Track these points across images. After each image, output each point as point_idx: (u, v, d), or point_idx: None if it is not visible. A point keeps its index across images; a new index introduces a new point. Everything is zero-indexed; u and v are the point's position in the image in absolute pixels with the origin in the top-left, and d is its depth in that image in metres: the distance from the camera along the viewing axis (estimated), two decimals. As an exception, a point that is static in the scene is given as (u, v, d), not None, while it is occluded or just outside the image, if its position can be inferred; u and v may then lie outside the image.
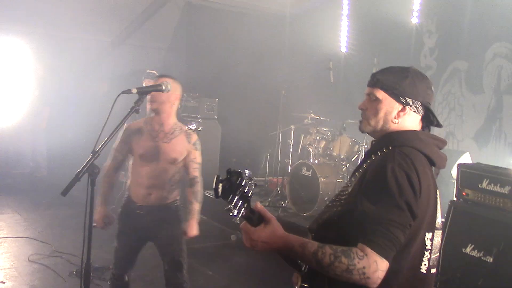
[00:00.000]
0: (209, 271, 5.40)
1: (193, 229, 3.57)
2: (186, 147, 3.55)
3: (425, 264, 1.81)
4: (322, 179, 6.37)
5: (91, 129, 4.05)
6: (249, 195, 1.74)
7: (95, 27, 10.19)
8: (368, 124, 1.97)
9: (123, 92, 2.48)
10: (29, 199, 7.52)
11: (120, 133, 3.32)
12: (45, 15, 9.27)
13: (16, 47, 9.60)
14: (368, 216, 1.70)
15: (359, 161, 3.46)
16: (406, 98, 1.89)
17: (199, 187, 3.60)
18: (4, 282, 4.53)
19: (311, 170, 6.58)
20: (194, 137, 3.64)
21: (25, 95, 9.46)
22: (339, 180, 6.57)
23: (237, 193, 1.71)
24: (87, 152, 2.38)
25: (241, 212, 1.73)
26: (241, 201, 1.72)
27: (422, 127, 1.97)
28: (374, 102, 1.94)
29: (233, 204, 1.71)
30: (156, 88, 2.79)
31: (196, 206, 3.58)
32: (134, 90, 2.53)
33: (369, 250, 1.64)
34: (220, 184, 1.71)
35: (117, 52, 11.29)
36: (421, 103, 1.90)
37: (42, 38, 9.75)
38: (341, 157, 6.82)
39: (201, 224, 7.19)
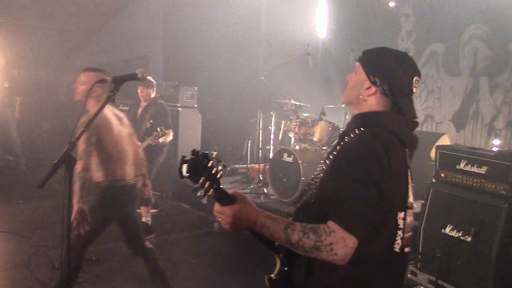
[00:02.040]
0: (193, 259, 5.41)
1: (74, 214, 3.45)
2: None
3: (398, 243, 1.83)
4: (304, 164, 6.39)
5: (67, 119, 4.02)
6: (217, 176, 1.74)
7: (68, 16, 10.02)
8: (344, 95, 2.04)
9: (98, 82, 2.45)
10: (6, 193, 7.40)
11: None
12: (12, 4, 9.08)
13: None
14: (337, 195, 1.72)
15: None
16: (375, 78, 1.90)
17: (81, 169, 3.48)
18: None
19: (292, 156, 6.60)
20: (81, 119, 3.46)
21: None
22: (320, 165, 6.58)
23: (204, 173, 1.72)
24: (63, 143, 2.35)
25: (208, 192, 1.73)
26: (208, 182, 1.73)
27: (395, 111, 1.94)
28: (354, 75, 2.00)
29: (199, 184, 1.72)
30: (131, 77, 2.75)
31: (76, 187, 3.45)
32: (109, 79, 2.50)
33: (336, 227, 1.66)
34: (185, 165, 1.72)
35: (93, 42, 11.14)
36: (388, 87, 1.89)
37: (6, 28, 9.52)
38: (322, 142, 6.85)
39: (183, 212, 7.21)
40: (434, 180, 4.52)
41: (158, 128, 5.81)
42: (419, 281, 4.36)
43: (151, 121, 6.06)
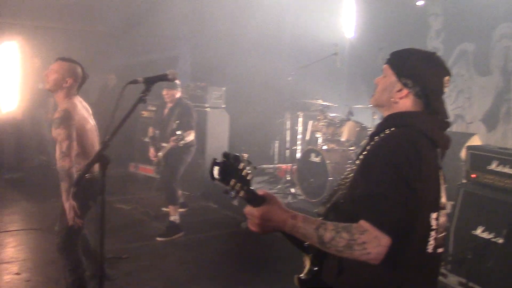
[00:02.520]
0: (219, 259, 5.45)
1: (68, 211, 3.55)
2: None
3: (431, 244, 1.82)
4: (331, 164, 6.38)
5: (99, 119, 4.09)
6: (247, 178, 1.76)
7: (98, 18, 10.19)
8: (374, 98, 2.02)
9: (130, 83, 2.50)
10: (40, 191, 7.58)
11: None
12: (46, 7, 9.26)
13: (15, 41, 9.54)
14: (369, 194, 1.71)
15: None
16: (406, 80, 1.89)
17: (58, 166, 3.55)
18: (19, 274, 4.60)
19: (319, 156, 6.59)
20: (56, 115, 3.62)
21: (28, 89, 9.45)
22: (347, 166, 6.58)
23: (235, 175, 1.74)
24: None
25: (239, 194, 1.76)
26: (239, 184, 1.75)
27: (427, 112, 1.92)
28: (383, 77, 1.98)
29: (230, 186, 1.75)
30: (162, 78, 2.79)
31: (61, 186, 3.53)
32: (141, 80, 2.55)
33: (369, 226, 1.65)
34: (216, 167, 1.74)
35: (123, 43, 11.29)
36: (421, 88, 1.88)
37: (41, 30, 9.73)
38: (350, 142, 6.82)
39: (212, 212, 7.27)
40: (464, 181, 4.46)
41: (177, 132, 5.87)
42: (449, 283, 4.31)
43: (177, 121, 6.11)
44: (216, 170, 1.74)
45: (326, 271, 1.93)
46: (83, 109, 3.85)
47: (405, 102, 1.91)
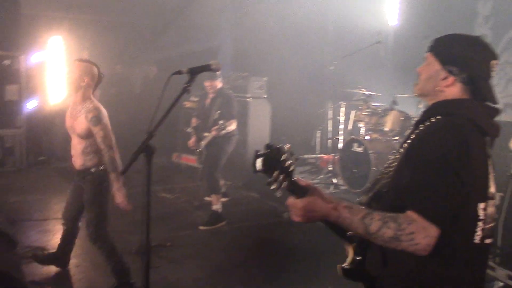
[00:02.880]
0: (262, 248, 5.48)
1: (116, 198, 3.96)
2: (85, 124, 3.93)
3: (478, 235, 1.77)
4: (374, 154, 6.30)
5: (142, 111, 4.27)
6: (290, 169, 1.76)
7: (141, 11, 10.34)
8: (417, 87, 1.97)
9: (174, 73, 2.52)
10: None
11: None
12: (92, 2, 9.48)
13: (62, 35, 9.80)
14: (415, 184, 1.69)
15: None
16: (452, 67, 1.84)
17: (107, 158, 3.93)
18: (69, 260, 4.76)
19: (362, 146, 6.52)
20: (90, 114, 3.93)
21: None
22: (391, 156, 6.46)
23: (277, 167, 1.75)
24: (140, 133, 2.44)
25: (282, 185, 1.76)
26: (282, 175, 1.75)
27: (475, 98, 1.86)
28: (426, 66, 1.93)
29: (273, 178, 1.75)
30: (206, 68, 2.81)
31: (113, 175, 3.93)
32: (185, 71, 2.57)
33: (417, 216, 1.62)
34: (259, 159, 1.75)
35: (165, 35, 11.44)
36: (468, 75, 1.82)
37: (85, 24, 9.96)
38: (394, 132, 6.71)
39: (253, 202, 7.31)
40: (514, 172, 4.33)
41: (220, 121, 5.91)
42: (497, 276, 4.19)
43: (218, 111, 6.15)
44: (259, 162, 1.75)
45: (370, 261, 1.91)
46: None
47: (452, 90, 1.86)
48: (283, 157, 1.75)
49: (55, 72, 9.26)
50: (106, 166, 3.98)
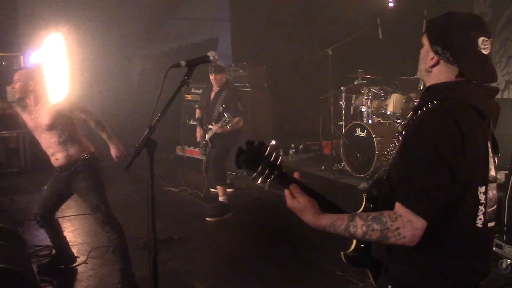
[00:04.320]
0: (269, 237, 5.49)
1: (114, 151, 4.11)
2: (50, 113, 4.06)
3: (480, 219, 1.76)
4: (378, 138, 6.29)
5: (142, 104, 4.31)
6: (277, 163, 1.79)
7: (138, 5, 10.30)
8: (418, 71, 1.95)
9: (173, 66, 2.51)
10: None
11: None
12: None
13: (60, 32, 9.78)
14: (405, 176, 1.68)
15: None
16: (436, 46, 1.80)
17: (94, 122, 4.10)
18: (78, 257, 4.79)
19: (365, 131, 6.51)
20: (53, 106, 4.09)
21: (75, 79, 9.70)
22: (395, 138, 6.44)
23: (262, 161, 1.77)
24: (140, 128, 2.44)
25: (269, 179, 1.80)
26: (267, 169, 1.78)
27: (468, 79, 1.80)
28: (422, 48, 1.90)
29: (257, 173, 1.79)
30: (204, 60, 2.80)
31: (104, 135, 4.10)
32: (183, 63, 2.55)
33: (404, 210, 1.62)
34: (241, 155, 1.78)
35: (163, 28, 11.40)
36: (451, 53, 1.77)
37: (82, 20, 9.91)
38: (396, 115, 6.69)
39: (259, 192, 7.32)
40: (518, 149, 4.31)
41: (225, 114, 5.86)
42: (505, 254, 4.20)
43: (223, 105, 6.11)
44: (241, 158, 1.78)
45: (375, 247, 1.92)
46: None
47: (438, 70, 1.82)
48: (267, 151, 1.78)
49: (55, 71, 9.23)
50: (92, 153, 4.16)
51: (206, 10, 11.06)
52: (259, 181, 1.80)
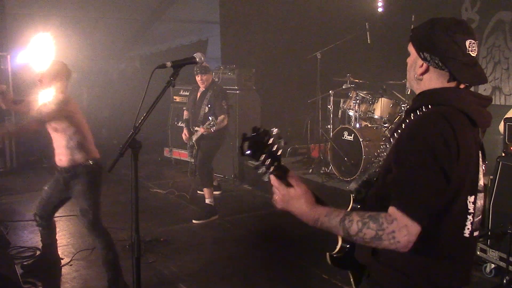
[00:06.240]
0: (255, 240, 5.48)
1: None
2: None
3: (468, 228, 1.75)
4: (365, 142, 6.31)
5: (124, 105, 4.29)
6: (278, 153, 1.74)
7: (129, 6, 10.27)
8: (407, 80, 1.94)
9: (158, 67, 2.50)
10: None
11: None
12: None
13: (48, 32, 9.71)
14: (400, 180, 1.65)
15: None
16: (424, 53, 1.79)
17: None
18: (62, 259, 4.74)
19: (353, 134, 6.52)
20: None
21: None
22: (382, 143, 6.46)
23: (265, 151, 1.72)
24: (124, 129, 2.43)
25: (270, 170, 1.74)
26: (269, 159, 1.72)
27: (461, 86, 1.80)
28: (409, 57, 1.89)
29: (260, 162, 1.73)
30: (190, 61, 2.79)
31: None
32: (169, 64, 2.54)
33: (399, 214, 1.59)
34: (246, 142, 1.72)
35: (153, 29, 11.37)
36: (440, 58, 1.76)
37: (71, 20, 9.86)
38: (383, 119, 6.71)
39: (246, 194, 7.31)
40: (503, 154, 4.35)
41: (210, 118, 5.85)
42: (489, 258, 4.23)
43: (208, 105, 6.10)
44: (245, 145, 1.72)
45: (359, 249, 1.89)
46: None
47: (428, 76, 1.81)
48: (270, 140, 1.73)
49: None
50: (96, 161, 4.14)
51: (196, 12, 11.05)
52: (260, 171, 1.75)
